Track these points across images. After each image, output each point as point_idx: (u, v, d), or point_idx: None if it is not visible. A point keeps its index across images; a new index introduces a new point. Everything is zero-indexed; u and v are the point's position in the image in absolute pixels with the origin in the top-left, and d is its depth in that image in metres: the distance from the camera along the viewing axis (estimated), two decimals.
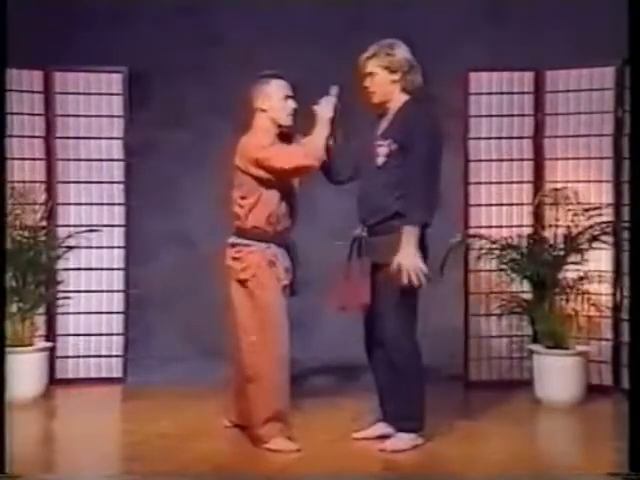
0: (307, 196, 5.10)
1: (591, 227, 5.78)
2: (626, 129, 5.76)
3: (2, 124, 4.02)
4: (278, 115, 4.80)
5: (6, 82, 4.00)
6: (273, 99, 4.80)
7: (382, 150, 4.68)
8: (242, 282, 4.78)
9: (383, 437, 4.83)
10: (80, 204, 6.34)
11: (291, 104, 4.82)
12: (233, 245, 4.83)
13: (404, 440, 4.75)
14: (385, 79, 4.76)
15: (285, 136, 4.87)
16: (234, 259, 4.81)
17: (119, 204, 6.37)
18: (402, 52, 4.78)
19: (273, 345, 4.71)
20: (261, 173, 4.72)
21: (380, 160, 4.69)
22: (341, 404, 5.63)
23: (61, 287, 6.20)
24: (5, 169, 3.99)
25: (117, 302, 6.37)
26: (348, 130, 4.86)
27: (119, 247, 6.38)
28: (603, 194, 5.99)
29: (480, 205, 6.25)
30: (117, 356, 6.36)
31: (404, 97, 4.78)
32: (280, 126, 4.82)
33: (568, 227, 5.84)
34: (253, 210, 4.77)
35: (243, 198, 4.78)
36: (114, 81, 6.36)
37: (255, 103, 4.83)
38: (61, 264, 6.18)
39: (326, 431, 5.06)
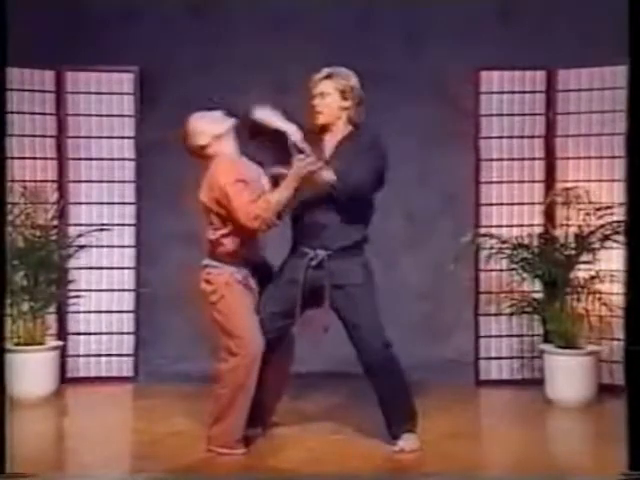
0: None
1: (602, 226, 5.76)
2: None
3: (2, 124, 4.01)
4: (214, 130, 4.71)
5: (6, 82, 3.99)
6: (204, 129, 4.72)
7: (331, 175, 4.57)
8: (213, 305, 4.72)
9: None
10: (91, 203, 6.35)
11: (216, 113, 4.74)
12: (205, 267, 4.78)
13: (413, 439, 4.74)
14: (336, 103, 4.67)
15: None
16: (205, 281, 4.76)
17: (130, 203, 6.38)
18: (356, 83, 4.71)
19: (243, 368, 4.67)
20: (224, 212, 4.64)
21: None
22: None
23: (72, 286, 6.21)
24: (5, 168, 3.98)
25: (128, 301, 6.38)
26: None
27: (130, 246, 6.39)
28: (615, 193, 5.96)
29: (491, 204, 6.25)
30: (128, 355, 6.37)
31: (348, 127, 4.70)
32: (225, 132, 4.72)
33: (579, 226, 5.83)
34: (224, 239, 4.70)
35: (215, 229, 4.72)
36: (125, 81, 6.37)
37: (195, 144, 4.76)
38: (72, 263, 6.19)
39: (336, 431, 5.07)
